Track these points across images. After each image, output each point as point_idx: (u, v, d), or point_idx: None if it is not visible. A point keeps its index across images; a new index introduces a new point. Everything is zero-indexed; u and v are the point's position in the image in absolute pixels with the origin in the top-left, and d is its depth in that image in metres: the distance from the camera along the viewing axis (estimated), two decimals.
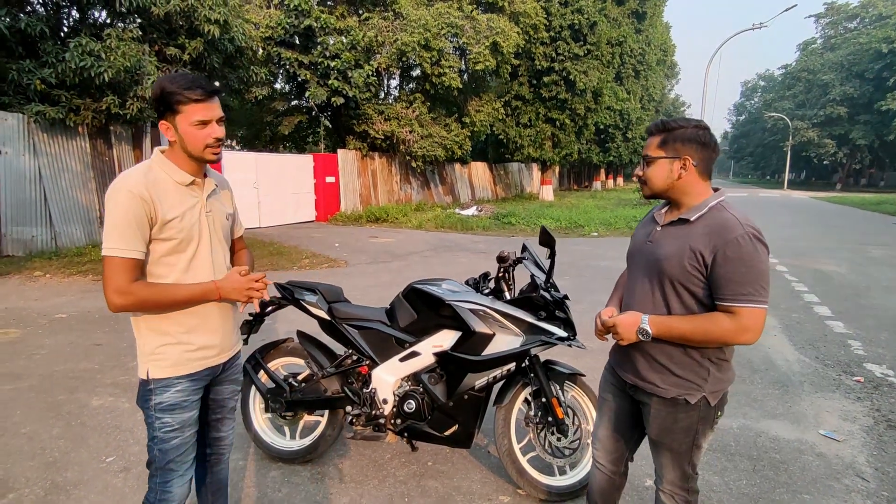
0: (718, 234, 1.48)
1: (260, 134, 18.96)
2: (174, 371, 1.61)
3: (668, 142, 1.57)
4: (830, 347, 4.61)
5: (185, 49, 9.81)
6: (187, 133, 1.54)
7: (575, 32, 20.31)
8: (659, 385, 1.61)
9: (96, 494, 2.44)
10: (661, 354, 1.60)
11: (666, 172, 1.58)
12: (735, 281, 1.44)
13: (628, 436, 1.84)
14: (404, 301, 2.55)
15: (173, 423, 1.62)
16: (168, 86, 1.51)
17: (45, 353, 4.37)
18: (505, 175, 26.68)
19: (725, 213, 1.53)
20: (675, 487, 1.70)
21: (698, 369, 1.56)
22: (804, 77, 44.26)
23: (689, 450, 1.63)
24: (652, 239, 1.66)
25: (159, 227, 1.54)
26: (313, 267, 8.52)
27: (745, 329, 1.44)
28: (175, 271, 1.59)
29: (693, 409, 1.58)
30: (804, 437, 3.04)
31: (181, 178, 1.59)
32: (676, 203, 1.64)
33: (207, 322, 1.67)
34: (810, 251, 10.07)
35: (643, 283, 1.65)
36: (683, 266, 1.51)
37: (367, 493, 2.48)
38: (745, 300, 1.43)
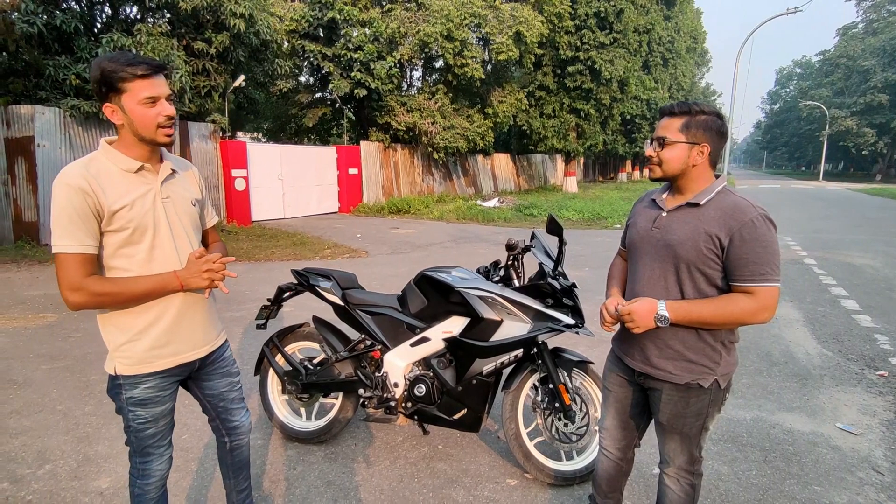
0: (733, 216, 1.49)
1: (285, 126, 19.27)
2: (140, 369, 1.57)
3: (690, 126, 1.56)
4: (855, 341, 4.49)
5: (212, 43, 10.04)
6: (135, 113, 1.46)
7: (601, 20, 19.91)
8: (672, 371, 1.61)
9: (123, 468, 2.59)
10: (674, 340, 1.60)
11: (684, 157, 1.57)
12: (753, 261, 1.46)
13: (635, 423, 1.86)
14: (415, 288, 2.61)
15: (146, 416, 1.61)
16: (108, 64, 1.43)
17: (80, 336, 4.60)
18: (528, 166, 26.47)
19: (734, 196, 1.55)
20: (681, 471, 1.72)
21: (711, 353, 1.58)
22: (843, 63, 42.44)
23: (699, 433, 1.65)
24: (658, 224, 1.64)
25: (108, 219, 1.47)
26: (335, 257, 8.68)
27: (764, 308, 1.47)
28: (135, 263, 1.53)
29: (705, 393, 1.59)
30: (819, 430, 3.00)
31: (127, 166, 1.52)
32: (681, 188, 1.63)
33: (173, 317, 1.60)
34: (842, 244, 9.75)
35: (652, 269, 1.63)
36: (699, 249, 1.52)
37: (379, 473, 2.57)
38: (763, 279, 1.46)
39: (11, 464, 2.62)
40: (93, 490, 2.41)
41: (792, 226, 12.63)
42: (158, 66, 1.50)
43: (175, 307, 1.61)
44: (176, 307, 1.61)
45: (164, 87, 1.51)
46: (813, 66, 55.12)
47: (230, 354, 1.90)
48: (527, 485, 2.48)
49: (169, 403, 1.67)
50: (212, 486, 2.45)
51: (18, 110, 8.75)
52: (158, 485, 1.71)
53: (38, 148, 8.77)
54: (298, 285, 2.81)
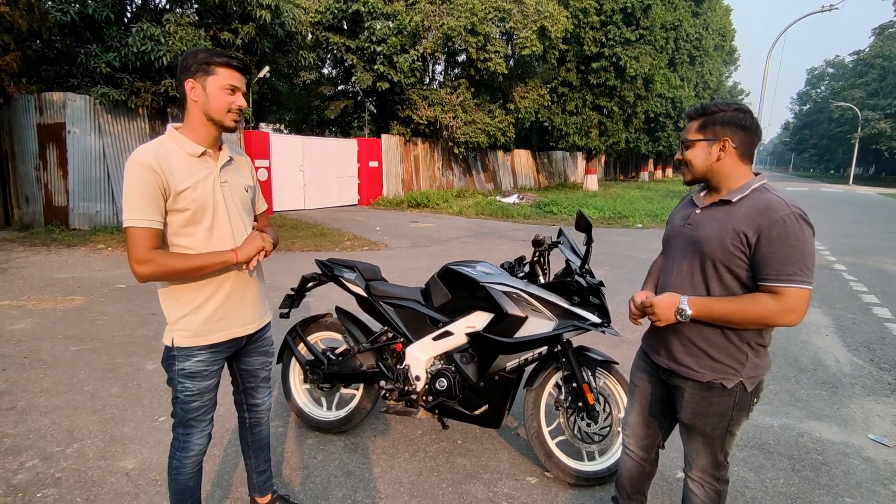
0: (763, 214, 1.46)
1: (307, 118, 19.40)
2: (195, 341, 1.69)
3: (707, 125, 1.58)
4: (888, 350, 4.35)
5: (238, 34, 10.13)
6: (215, 95, 1.61)
7: (627, 16, 19.56)
8: (695, 369, 1.59)
9: (149, 449, 2.64)
10: (698, 337, 1.58)
11: (705, 155, 1.59)
12: (779, 261, 1.42)
13: (659, 422, 1.83)
14: (439, 281, 2.60)
15: (193, 389, 1.72)
16: (205, 51, 1.61)
17: (107, 319, 4.70)
18: (548, 163, 26.23)
19: (769, 194, 1.51)
20: (705, 475, 1.68)
21: (737, 353, 1.54)
22: (878, 64, 41.12)
23: (723, 436, 1.62)
24: (691, 221, 1.64)
25: (173, 198, 1.58)
26: (354, 249, 8.72)
27: (790, 310, 1.42)
28: (195, 242, 1.65)
29: (729, 395, 1.56)
30: (850, 441, 2.91)
31: (192, 150, 1.64)
32: (716, 187, 1.63)
33: (228, 294, 1.72)
34: (873, 250, 9.46)
35: (681, 265, 1.63)
36: (726, 246, 1.50)
37: (398, 466, 2.57)
38: (790, 280, 1.41)
39: (42, 441, 2.69)
40: (119, 470, 2.46)
41: (821, 230, 12.29)
42: (246, 66, 1.68)
43: (230, 284, 1.73)
44: (230, 284, 1.73)
45: (244, 84, 1.68)
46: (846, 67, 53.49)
47: (270, 335, 2.01)
48: (547, 483, 2.46)
49: (215, 379, 1.78)
50: (236, 471, 2.48)
51: (51, 97, 8.95)
52: (195, 460, 1.80)
53: (69, 134, 8.97)
54: (322, 275, 2.82)
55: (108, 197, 9.60)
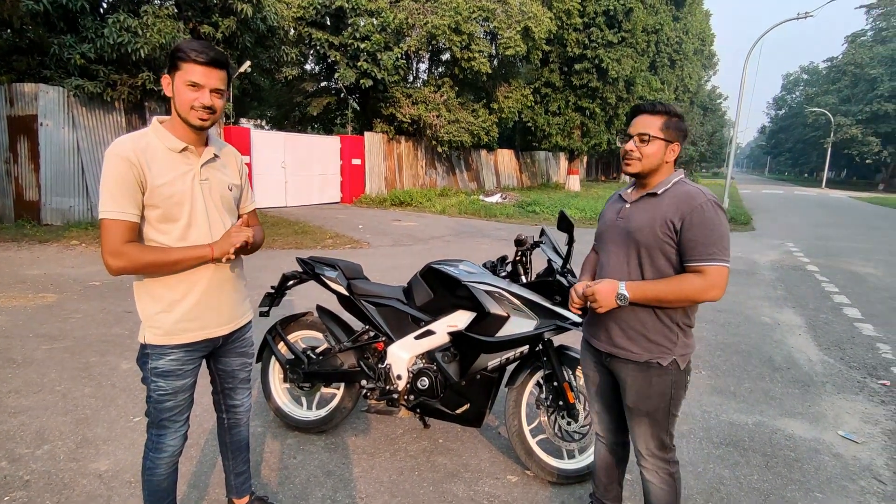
0: (685, 202, 1.63)
1: (289, 114, 19.18)
2: (168, 339, 1.65)
3: (669, 126, 1.69)
4: (857, 349, 4.48)
5: (219, 27, 9.96)
6: (178, 91, 1.56)
7: (610, 19, 19.79)
8: (633, 350, 1.71)
9: (123, 450, 2.58)
10: (634, 321, 1.71)
11: (661, 153, 1.70)
12: (702, 243, 1.58)
13: (618, 406, 1.91)
14: (421, 280, 2.59)
15: (167, 388, 1.67)
16: (182, 44, 1.56)
17: (80, 317, 4.58)
18: (531, 163, 26.38)
19: (688, 185, 1.69)
20: (655, 459, 1.78)
21: (669, 333, 1.69)
22: (850, 71, 42.26)
23: (666, 416, 1.73)
24: (622, 215, 1.78)
25: (149, 193, 1.55)
26: (336, 247, 8.65)
27: (713, 286, 1.58)
28: (171, 240, 1.61)
29: (666, 373, 1.69)
30: (822, 437, 2.99)
31: (173, 145, 1.61)
32: (649, 182, 1.76)
33: (204, 292, 1.68)
34: (845, 252, 9.74)
35: (617, 255, 1.76)
36: (656, 233, 1.65)
37: (378, 465, 2.55)
38: (711, 259, 1.58)
39: (10, 442, 2.60)
40: (91, 472, 2.39)
41: (794, 232, 12.62)
42: (219, 61, 1.57)
43: (206, 282, 1.69)
44: (207, 282, 1.69)
45: (214, 79, 1.58)
46: (820, 73, 54.90)
47: (251, 335, 1.96)
48: (528, 482, 2.47)
49: (190, 378, 1.74)
50: (213, 472, 2.44)
51: (22, 88, 8.68)
52: (169, 461, 1.76)
53: (42, 127, 8.71)
54: (303, 273, 2.79)
55: (82, 192, 9.35)
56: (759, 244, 10.50)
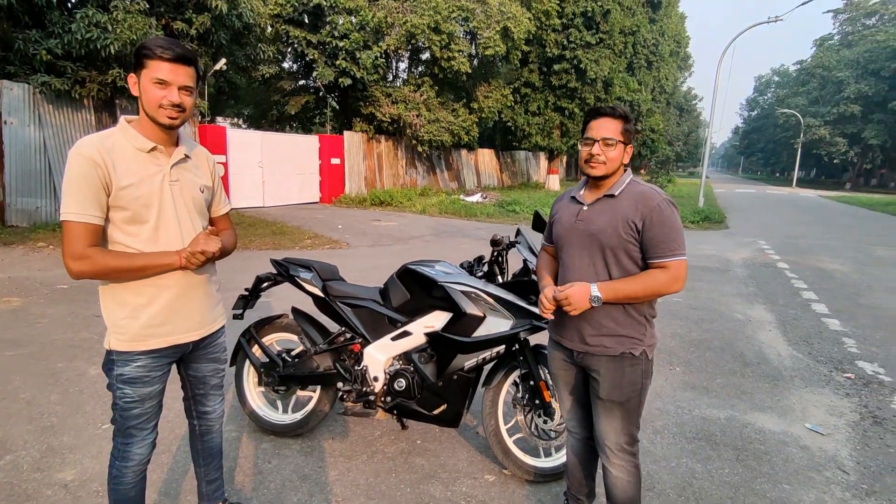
0: (643, 202, 1.70)
1: (266, 113, 18.90)
2: (133, 345, 1.60)
3: (627, 129, 1.76)
4: (824, 344, 4.62)
5: (193, 24, 9.76)
6: (145, 89, 1.51)
7: (588, 20, 20.01)
8: (607, 345, 1.76)
9: (90, 459, 2.50)
10: (605, 318, 1.76)
11: (620, 155, 1.76)
12: (662, 240, 1.67)
13: (588, 399, 1.94)
14: (398, 281, 2.58)
15: (133, 396, 1.63)
16: (147, 41, 1.51)
17: (46, 322, 4.44)
18: (511, 163, 26.52)
19: (641, 185, 1.77)
20: (624, 454, 1.82)
21: (638, 326, 1.76)
22: (819, 73, 43.56)
23: (637, 406, 1.80)
24: (581, 218, 1.81)
25: (115, 194, 1.51)
26: (315, 247, 8.56)
27: (677, 278, 1.68)
28: (139, 242, 1.56)
29: (637, 363, 1.76)
30: (790, 430, 3.07)
31: (141, 145, 1.56)
32: (601, 184, 1.81)
33: (172, 298, 1.63)
34: (814, 249, 10.03)
35: (581, 257, 1.79)
36: (619, 234, 1.71)
37: (355, 468, 2.53)
38: (673, 255, 1.67)
39: None
40: (57, 482, 2.32)
41: (766, 230, 12.95)
42: (185, 57, 1.53)
43: (174, 287, 1.63)
44: (175, 287, 1.64)
45: (182, 77, 1.53)
46: (790, 75, 56.46)
47: (223, 341, 1.91)
48: (505, 481, 2.48)
49: (158, 385, 1.69)
50: (185, 478, 2.39)
51: None
52: (136, 470, 1.72)
53: (6, 125, 8.41)
54: (277, 275, 2.75)
55: (50, 192, 9.06)
56: (732, 242, 10.75)
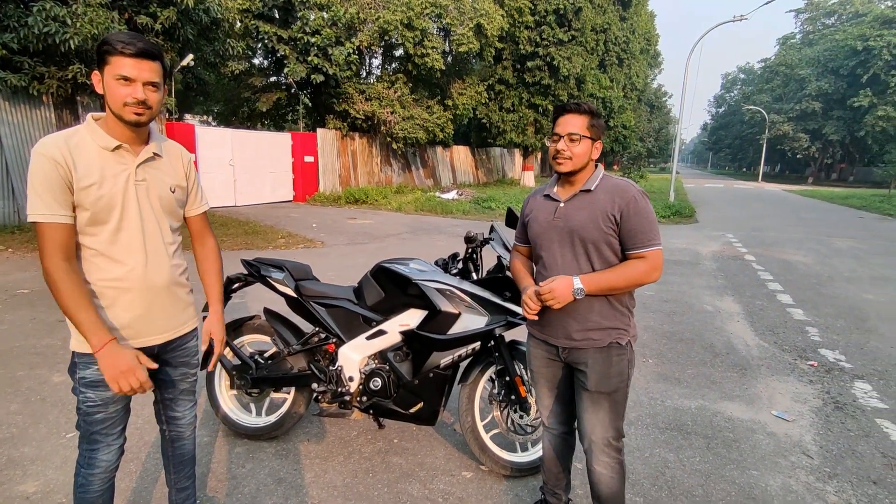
0: (619, 195, 1.73)
1: (237, 110, 18.51)
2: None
3: (594, 125, 1.78)
4: (789, 333, 4.78)
5: (158, 18, 9.46)
6: (109, 87, 1.47)
7: (560, 17, 20.21)
8: (595, 338, 1.78)
9: (54, 470, 2.42)
10: (590, 312, 1.78)
11: (588, 151, 1.78)
12: (640, 231, 1.71)
13: (569, 395, 1.96)
14: (372, 280, 2.55)
15: (96, 399, 1.58)
16: (108, 37, 1.46)
17: (5, 328, 4.26)
18: (487, 160, 26.62)
19: (614, 179, 1.80)
20: (611, 450, 1.83)
21: (621, 317, 1.80)
22: (782, 71, 44.93)
23: (623, 398, 1.83)
24: (559, 215, 1.82)
25: (76, 194, 1.47)
26: (289, 247, 8.44)
27: (655, 267, 1.72)
28: (98, 243, 1.52)
29: (623, 353, 1.80)
30: (757, 417, 3.17)
31: (105, 143, 1.51)
32: (574, 180, 1.82)
33: (136, 301, 1.59)
34: (779, 242, 10.36)
35: (563, 254, 1.80)
36: (600, 228, 1.73)
37: (332, 469, 2.51)
38: (650, 244, 1.71)
39: None
40: (17, 495, 2.23)
41: (734, 224, 13.31)
42: (149, 52, 1.48)
43: (137, 290, 1.59)
44: (138, 290, 1.59)
45: (147, 72, 1.47)
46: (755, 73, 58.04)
47: (194, 345, 1.85)
48: (482, 477, 2.49)
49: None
50: (155, 486, 2.32)
51: None
52: (103, 477, 1.66)
53: None
54: (248, 276, 2.70)
55: (7, 193, 8.69)
56: (701, 236, 11.02)
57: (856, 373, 3.90)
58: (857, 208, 18.95)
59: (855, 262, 8.36)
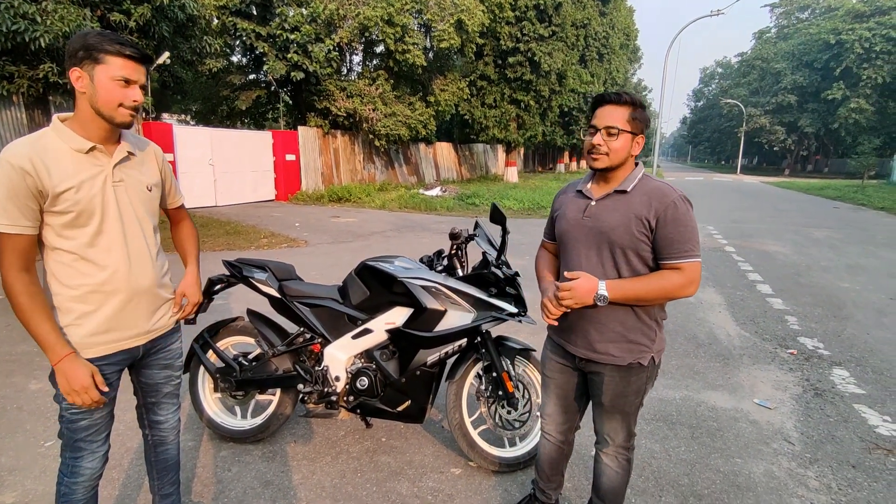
0: (658, 199, 1.58)
1: (216, 109, 18.19)
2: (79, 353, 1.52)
3: (636, 118, 1.61)
4: (769, 323, 4.88)
5: (131, 15, 9.24)
6: (104, 87, 1.43)
7: (540, 13, 20.24)
8: (615, 354, 1.66)
9: (32, 480, 2.35)
10: (613, 322, 1.65)
11: (628, 146, 1.62)
12: (678, 240, 1.55)
13: (576, 407, 1.92)
14: (357, 278, 2.53)
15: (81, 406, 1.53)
16: (96, 37, 1.42)
17: None
18: (470, 156, 26.62)
19: (654, 181, 1.64)
20: (620, 448, 1.81)
21: (648, 331, 1.66)
22: (758, 65, 45.71)
23: (636, 410, 1.76)
24: (589, 214, 1.69)
25: (51, 200, 1.42)
26: (272, 247, 8.34)
27: (691, 281, 1.56)
28: (76, 247, 1.48)
29: (643, 370, 1.69)
30: (740, 406, 3.23)
31: (78, 145, 1.46)
32: (610, 177, 1.69)
33: (118, 305, 1.56)
34: (758, 233, 10.56)
35: (589, 257, 1.67)
36: (632, 232, 1.59)
37: (320, 470, 2.49)
38: (688, 256, 1.56)
39: None
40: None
41: (714, 216, 13.52)
42: (145, 56, 1.50)
43: (122, 293, 1.56)
44: (123, 293, 1.56)
45: (142, 76, 1.50)
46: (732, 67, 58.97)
47: (177, 347, 1.83)
48: (471, 473, 2.49)
49: (107, 394, 1.58)
50: (139, 493, 2.28)
51: None
52: (87, 485, 1.63)
53: None
54: (231, 277, 2.65)
55: None
56: None
57: (834, 360, 3.99)
58: (833, 199, 19.40)
59: (831, 252, 8.55)
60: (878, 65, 34.40)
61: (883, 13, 34.23)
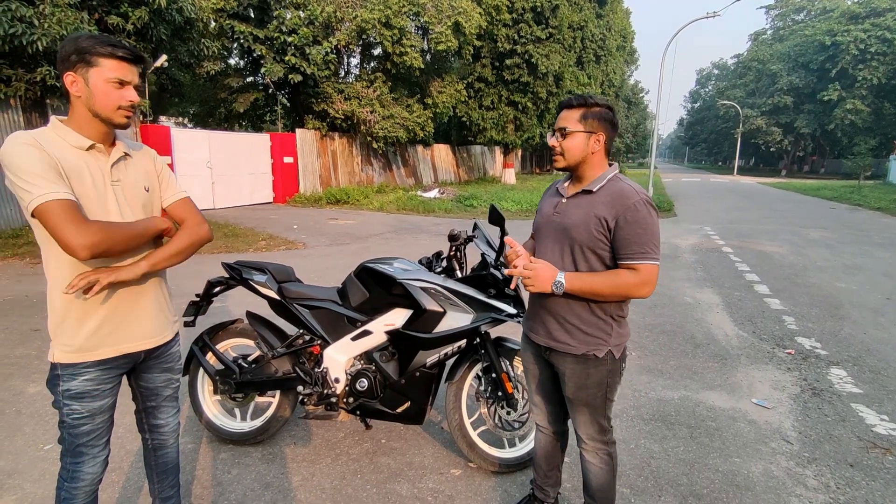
0: (619, 201, 1.64)
1: (214, 111, 18.19)
2: (80, 357, 1.51)
3: (587, 117, 1.70)
4: (767, 323, 4.90)
5: (129, 18, 9.24)
6: (100, 90, 1.43)
7: (537, 15, 20.30)
8: (571, 343, 1.76)
9: (32, 483, 2.35)
10: (571, 315, 1.75)
11: (583, 146, 1.71)
12: (635, 241, 1.61)
13: (557, 396, 1.96)
14: (356, 280, 2.54)
15: (82, 411, 1.54)
16: (88, 40, 1.41)
17: None
18: (468, 158, 26.65)
19: (622, 183, 1.71)
20: (595, 442, 1.86)
21: (603, 325, 1.74)
22: (754, 66, 45.87)
23: (603, 404, 1.81)
24: (559, 210, 1.79)
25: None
26: (270, 249, 8.34)
27: (645, 283, 1.62)
28: None
29: (602, 364, 1.75)
30: (738, 406, 3.24)
31: (79, 143, 1.46)
32: (580, 177, 1.77)
33: (120, 304, 1.55)
34: (755, 233, 10.59)
35: (553, 250, 1.78)
36: (590, 232, 1.67)
37: (320, 472, 2.49)
38: (644, 258, 1.62)
39: None
40: None
41: (711, 217, 13.57)
42: (139, 56, 1.49)
43: (123, 293, 1.56)
44: (124, 293, 1.56)
45: (136, 76, 1.50)
46: (729, 68, 59.17)
47: (177, 350, 1.82)
48: (471, 474, 2.50)
49: (108, 399, 1.59)
50: (139, 496, 2.28)
51: None
52: (88, 490, 1.62)
53: None
54: (230, 279, 2.66)
55: None
56: (680, 229, 11.20)
57: (831, 359, 4.01)
58: (829, 199, 19.46)
59: (828, 252, 8.59)
60: (873, 66, 34.59)
61: (878, 14, 34.43)
